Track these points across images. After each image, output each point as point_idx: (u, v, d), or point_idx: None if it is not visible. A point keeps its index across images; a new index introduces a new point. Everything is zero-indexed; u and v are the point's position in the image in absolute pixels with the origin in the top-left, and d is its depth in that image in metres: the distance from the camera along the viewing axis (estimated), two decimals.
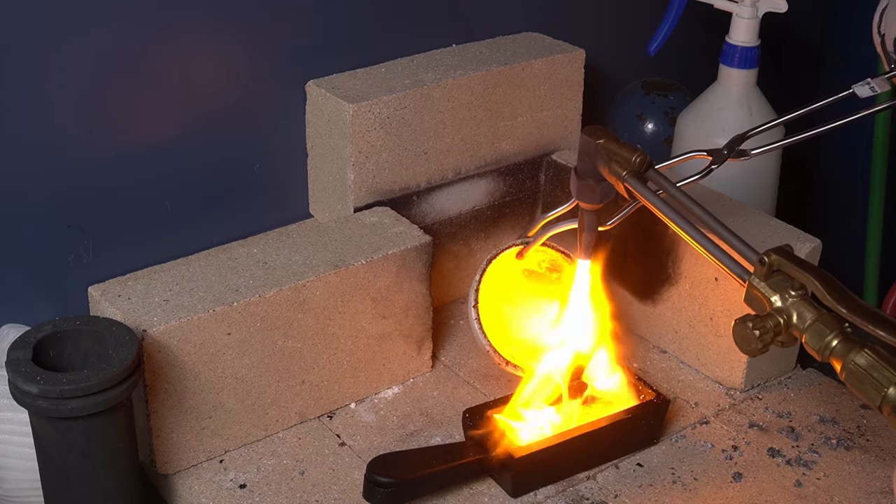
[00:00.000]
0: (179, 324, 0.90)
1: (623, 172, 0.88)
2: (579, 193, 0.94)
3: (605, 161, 0.90)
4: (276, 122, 1.12)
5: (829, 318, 0.75)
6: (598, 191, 0.93)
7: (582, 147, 0.92)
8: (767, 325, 0.77)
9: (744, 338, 0.78)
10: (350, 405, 1.04)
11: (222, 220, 1.12)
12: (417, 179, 1.12)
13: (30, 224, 1.01)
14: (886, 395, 0.71)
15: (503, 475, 0.94)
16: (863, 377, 0.73)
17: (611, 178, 0.90)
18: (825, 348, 0.75)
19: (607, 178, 0.91)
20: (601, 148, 0.90)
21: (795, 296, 0.77)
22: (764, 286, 0.78)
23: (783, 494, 0.95)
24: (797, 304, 0.77)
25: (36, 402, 0.80)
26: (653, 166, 0.89)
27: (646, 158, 0.89)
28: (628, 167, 0.88)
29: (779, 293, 0.78)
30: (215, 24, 1.05)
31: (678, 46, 1.28)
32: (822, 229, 1.12)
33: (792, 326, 0.77)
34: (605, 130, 0.91)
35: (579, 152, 0.93)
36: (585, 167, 0.92)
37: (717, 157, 0.97)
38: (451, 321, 1.17)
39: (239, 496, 0.93)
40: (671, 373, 1.11)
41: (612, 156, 0.90)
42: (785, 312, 0.77)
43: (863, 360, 0.73)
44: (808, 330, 0.76)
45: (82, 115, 1.01)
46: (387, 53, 1.15)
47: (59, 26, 0.96)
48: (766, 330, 0.77)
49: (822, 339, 0.75)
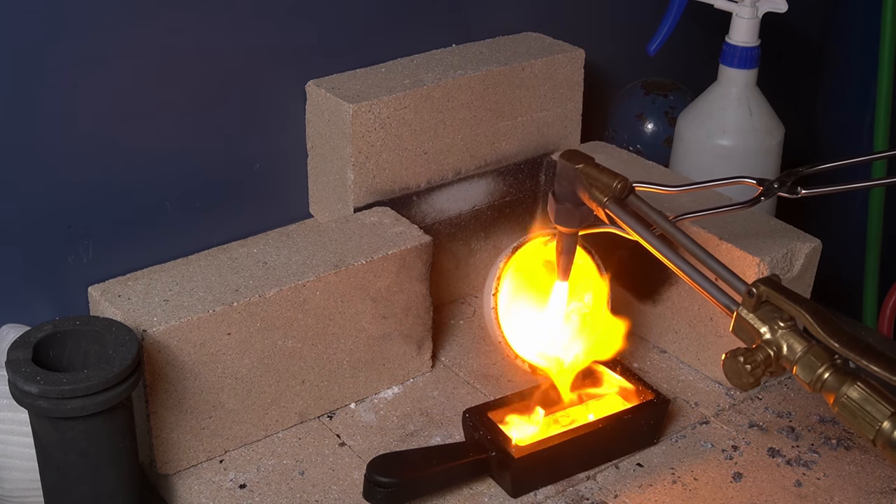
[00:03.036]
0: (179, 324, 0.90)
1: (604, 199, 0.87)
2: (557, 217, 0.93)
3: (585, 186, 0.88)
4: (276, 122, 1.12)
5: (820, 350, 0.74)
6: (577, 215, 0.92)
7: (560, 172, 0.91)
8: (758, 359, 0.76)
9: (735, 372, 0.77)
10: (350, 405, 1.04)
11: (222, 220, 1.12)
12: (417, 179, 1.12)
13: (30, 224, 1.01)
14: (881, 429, 0.71)
15: (503, 475, 0.94)
16: (856, 411, 0.72)
17: (591, 204, 0.88)
18: (816, 381, 0.74)
19: (587, 204, 0.89)
20: (580, 173, 0.89)
21: (784, 327, 0.76)
22: (752, 317, 0.77)
23: (783, 494, 0.95)
24: (786, 336, 0.76)
25: (36, 402, 0.80)
26: (634, 192, 0.87)
27: (626, 184, 0.87)
28: (609, 193, 0.87)
29: (767, 324, 0.76)
30: (215, 24, 1.05)
31: (678, 46, 1.28)
32: (822, 229, 1.12)
33: (782, 358, 0.76)
34: (584, 154, 0.90)
35: (557, 176, 0.91)
36: (564, 191, 0.91)
37: (768, 190, 0.91)
38: (451, 321, 1.17)
39: (239, 496, 0.93)
40: (671, 373, 1.11)
41: (591, 181, 0.88)
42: (774, 344, 0.76)
43: (855, 394, 0.72)
44: (799, 362, 0.75)
45: (82, 115, 1.01)
46: (387, 53, 1.15)
47: (59, 26, 0.96)
48: (756, 364, 0.75)
49: (814, 371, 0.74)
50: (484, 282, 1.21)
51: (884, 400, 0.71)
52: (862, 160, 0.96)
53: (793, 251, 1.04)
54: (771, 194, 0.91)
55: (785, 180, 0.91)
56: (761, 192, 0.91)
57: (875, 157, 0.99)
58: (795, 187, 0.91)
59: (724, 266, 0.82)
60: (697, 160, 1.22)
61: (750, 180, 0.92)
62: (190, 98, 1.07)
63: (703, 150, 1.22)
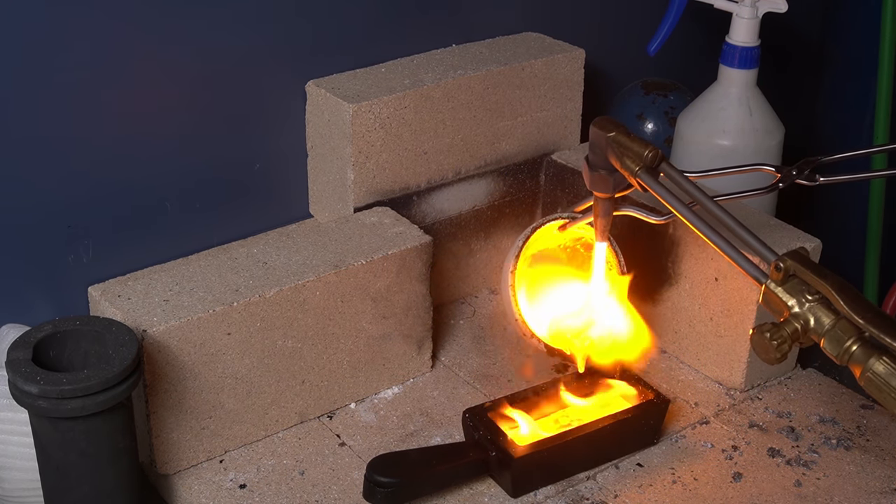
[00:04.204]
0: (179, 324, 0.90)
1: (636, 168, 0.87)
2: (592, 183, 0.93)
3: (617, 155, 0.88)
4: (276, 122, 1.12)
5: (847, 324, 0.75)
6: (610, 181, 0.92)
7: (592, 139, 0.91)
8: (784, 334, 0.76)
9: (763, 347, 0.77)
10: (350, 405, 1.04)
11: (222, 220, 1.12)
12: (417, 179, 1.12)
13: (30, 224, 1.01)
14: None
15: (503, 475, 0.94)
16: (882, 385, 0.72)
17: (623, 172, 0.89)
18: (844, 353, 0.74)
19: (620, 171, 0.89)
20: (612, 141, 0.89)
21: (812, 300, 0.76)
22: (781, 290, 0.78)
23: (783, 494, 0.95)
24: (814, 309, 0.76)
25: (36, 402, 0.80)
26: (665, 160, 0.88)
27: (657, 153, 0.87)
28: (640, 162, 0.87)
29: (795, 298, 0.77)
30: (215, 24, 1.05)
31: (678, 46, 1.28)
32: (822, 229, 1.12)
33: (810, 331, 0.76)
34: (616, 122, 0.90)
35: (590, 144, 0.92)
36: (597, 159, 0.91)
37: (786, 177, 0.92)
38: (451, 321, 1.17)
39: (239, 496, 0.93)
40: (671, 373, 1.11)
41: (623, 150, 0.88)
42: (802, 318, 0.76)
43: (881, 368, 0.72)
44: (826, 335, 0.75)
45: (82, 115, 1.01)
46: (387, 53, 1.15)
47: (60, 26, 0.96)
48: (783, 339, 0.76)
49: (841, 345, 0.75)
50: (484, 281, 1.21)
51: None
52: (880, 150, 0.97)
53: None
54: (789, 181, 0.91)
55: (804, 168, 0.92)
56: (779, 179, 0.92)
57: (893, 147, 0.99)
58: (814, 175, 0.92)
59: (755, 236, 0.82)
60: (697, 160, 1.22)
61: (769, 167, 0.93)
62: (190, 98, 1.07)
63: (703, 150, 1.22)
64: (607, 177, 0.91)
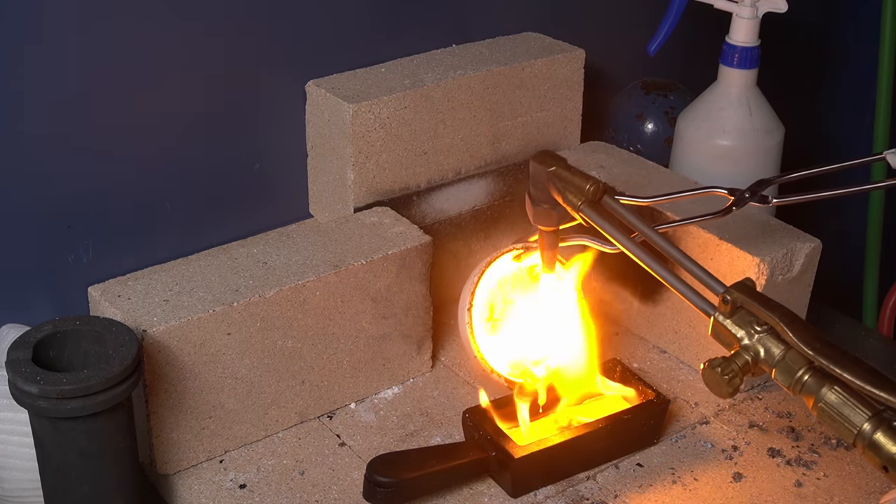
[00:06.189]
0: (179, 324, 0.90)
1: (578, 202, 0.86)
2: (536, 218, 0.92)
3: (559, 189, 0.87)
4: (276, 122, 1.12)
5: (796, 354, 0.74)
6: (554, 215, 0.91)
7: (533, 174, 0.90)
8: (735, 367, 0.75)
9: (714, 382, 0.77)
10: (350, 405, 1.04)
11: (222, 220, 1.12)
12: (417, 179, 1.12)
13: (30, 224, 1.01)
14: (861, 431, 0.71)
15: (503, 475, 0.94)
16: (835, 416, 0.72)
17: (566, 206, 0.88)
18: (795, 384, 0.74)
19: (562, 205, 0.88)
20: (553, 175, 0.88)
21: (761, 331, 0.76)
22: (729, 322, 0.77)
23: (783, 494, 0.95)
24: (763, 340, 0.76)
25: (36, 402, 0.80)
26: (608, 192, 0.87)
27: (598, 186, 0.86)
28: (582, 196, 0.86)
29: (744, 329, 0.76)
30: (215, 24, 1.05)
31: (678, 46, 1.28)
32: (822, 229, 1.12)
33: (760, 362, 0.76)
34: (556, 156, 0.89)
35: (531, 179, 0.91)
36: (539, 193, 0.90)
37: (739, 200, 0.91)
38: (451, 321, 1.17)
39: (239, 496, 0.93)
40: (671, 373, 1.11)
41: (564, 184, 0.87)
42: (752, 349, 0.76)
43: (833, 398, 0.72)
44: (777, 366, 0.75)
45: (82, 115, 1.01)
46: (387, 53, 1.15)
47: (60, 26, 0.96)
48: (734, 373, 0.75)
49: (792, 376, 0.74)
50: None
51: (861, 403, 0.71)
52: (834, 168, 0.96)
53: (793, 251, 1.04)
54: (742, 204, 0.91)
55: (756, 189, 0.91)
56: (732, 202, 0.91)
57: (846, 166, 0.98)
58: (767, 197, 0.91)
59: (701, 268, 0.82)
60: (697, 160, 1.22)
61: (721, 190, 0.92)
62: (190, 98, 1.07)
63: (703, 150, 1.22)
64: (551, 210, 0.91)
